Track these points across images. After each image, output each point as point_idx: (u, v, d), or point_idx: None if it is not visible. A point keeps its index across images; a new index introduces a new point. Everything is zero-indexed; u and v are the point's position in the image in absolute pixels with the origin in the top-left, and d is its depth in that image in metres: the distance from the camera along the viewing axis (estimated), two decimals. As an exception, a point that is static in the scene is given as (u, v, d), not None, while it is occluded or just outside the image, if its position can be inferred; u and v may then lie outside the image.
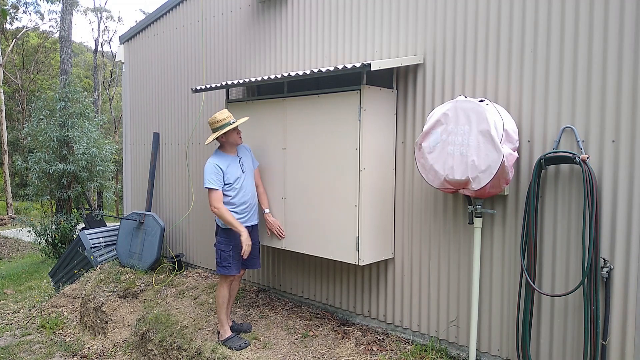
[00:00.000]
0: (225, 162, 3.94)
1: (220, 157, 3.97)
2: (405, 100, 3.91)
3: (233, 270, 4.02)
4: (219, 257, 4.03)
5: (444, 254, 3.72)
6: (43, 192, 10.28)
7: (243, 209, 4.04)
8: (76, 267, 6.79)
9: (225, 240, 3.99)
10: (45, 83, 25.04)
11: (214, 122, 3.96)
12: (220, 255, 4.02)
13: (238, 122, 4.01)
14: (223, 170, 3.89)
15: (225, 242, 3.99)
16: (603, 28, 2.91)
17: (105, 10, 33.05)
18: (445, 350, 3.73)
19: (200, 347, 4.20)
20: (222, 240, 4.02)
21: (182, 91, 6.28)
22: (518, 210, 3.31)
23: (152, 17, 6.76)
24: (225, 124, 3.96)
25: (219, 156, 3.98)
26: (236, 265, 4.05)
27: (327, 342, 4.02)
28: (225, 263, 4.00)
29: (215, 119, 3.96)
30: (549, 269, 3.19)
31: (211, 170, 3.87)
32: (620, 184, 2.87)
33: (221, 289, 4.10)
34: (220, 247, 4.03)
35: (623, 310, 2.89)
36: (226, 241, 3.99)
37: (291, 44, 4.82)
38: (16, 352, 5.15)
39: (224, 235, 4.00)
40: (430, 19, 3.73)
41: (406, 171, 3.91)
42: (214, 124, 3.97)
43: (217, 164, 3.89)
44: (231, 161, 3.99)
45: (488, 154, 2.95)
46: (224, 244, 4.00)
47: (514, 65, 3.29)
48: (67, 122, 9.84)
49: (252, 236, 4.11)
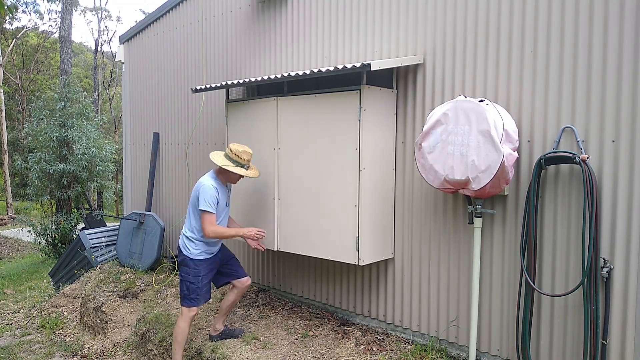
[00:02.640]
0: (220, 190, 3.80)
1: (217, 183, 3.80)
2: (405, 100, 3.91)
3: (201, 300, 3.83)
4: (187, 290, 3.77)
5: (444, 254, 3.72)
6: (43, 192, 10.28)
7: (214, 242, 3.92)
8: (76, 267, 6.79)
9: (194, 272, 3.76)
10: (45, 83, 25.03)
11: (238, 155, 3.80)
12: (189, 287, 3.76)
13: (252, 174, 3.90)
14: (218, 197, 3.74)
15: (194, 274, 3.76)
16: (603, 28, 2.91)
17: (105, 10, 33.06)
18: (445, 350, 3.73)
19: (200, 347, 4.20)
20: (191, 271, 3.77)
21: (182, 91, 6.28)
22: (518, 210, 3.31)
23: (152, 17, 6.75)
24: (244, 164, 3.83)
25: (215, 181, 3.81)
26: (205, 296, 3.85)
27: (327, 342, 4.02)
28: (194, 295, 3.77)
29: (240, 154, 3.80)
30: (549, 268, 3.19)
31: (212, 194, 3.68)
32: (620, 184, 2.87)
33: (182, 324, 3.83)
34: (188, 279, 3.76)
35: (623, 310, 2.89)
36: (196, 272, 3.77)
37: (291, 44, 4.82)
38: (16, 352, 5.15)
39: (194, 266, 3.77)
40: (430, 19, 3.73)
41: (406, 171, 3.91)
42: (236, 156, 3.80)
43: (217, 188, 3.75)
44: (223, 191, 3.86)
45: (488, 154, 2.95)
46: (193, 275, 3.76)
47: (514, 65, 3.29)
48: (66, 122, 9.84)
49: (225, 253, 4.06)
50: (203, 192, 3.68)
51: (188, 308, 3.82)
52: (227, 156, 3.83)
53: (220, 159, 3.81)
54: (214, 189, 3.70)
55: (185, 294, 3.79)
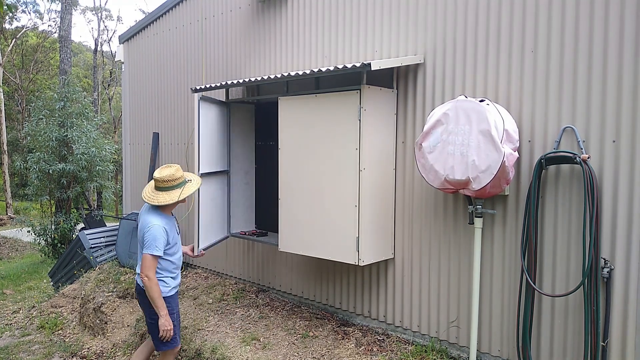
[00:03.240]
0: (168, 225, 3.47)
1: (164, 219, 3.47)
2: (406, 100, 3.90)
3: (179, 339, 3.60)
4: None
5: (445, 254, 3.71)
6: (42, 192, 10.27)
7: (178, 273, 3.67)
8: (76, 267, 6.78)
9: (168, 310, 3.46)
10: (44, 83, 25.01)
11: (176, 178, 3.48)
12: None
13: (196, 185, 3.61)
14: (168, 234, 3.44)
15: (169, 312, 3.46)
16: (603, 28, 2.90)
17: (105, 10, 33.04)
18: (446, 350, 3.72)
19: (199, 347, 4.19)
20: None
21: (181, 91, 6.27)
22: (518, 211, 3.31)
23: (152, 17, 6.75)
24: (187, 178, 3.56)
25: (162, 217, 3.46)
26: (179, 333, 3.60)
27: (327, 342, 4.02)
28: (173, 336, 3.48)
29: (176, 173, 3.50)
30: (549, 269, 3.19)
31: (161, 234, 3.35)
32: (620, 184, 2.86)
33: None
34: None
35: (623, 310, 2.88)
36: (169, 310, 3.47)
37: (291, 43, 4.81)
38: (15, 353, 5.14)
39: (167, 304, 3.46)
40: (430, 19, 3.72)
41: (406, 171, 3.90)
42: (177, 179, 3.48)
43: (165, 227, 3.42)
44: (171, 223, 3.55)
45: (488, 154, 2.94)
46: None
47: (515, 64, 3.28)
48: (66, 122, 9.83)
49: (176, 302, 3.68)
50: (152, 235, 3.34)
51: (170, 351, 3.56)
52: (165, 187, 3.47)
53: (167, 195, 3.45)
54: (162, 229, 3.38)
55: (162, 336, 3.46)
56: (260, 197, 5.36)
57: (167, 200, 3.43)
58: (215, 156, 4.85)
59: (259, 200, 5.38)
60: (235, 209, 5.20)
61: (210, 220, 4.74)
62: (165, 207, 3.52)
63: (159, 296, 3.38)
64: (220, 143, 4.95)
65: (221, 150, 4.97)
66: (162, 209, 3.52)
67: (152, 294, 3.36)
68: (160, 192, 3.48)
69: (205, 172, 4.58)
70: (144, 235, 3.41)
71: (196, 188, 3.60)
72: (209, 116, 4.70)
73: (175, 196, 3.45)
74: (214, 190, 4.83)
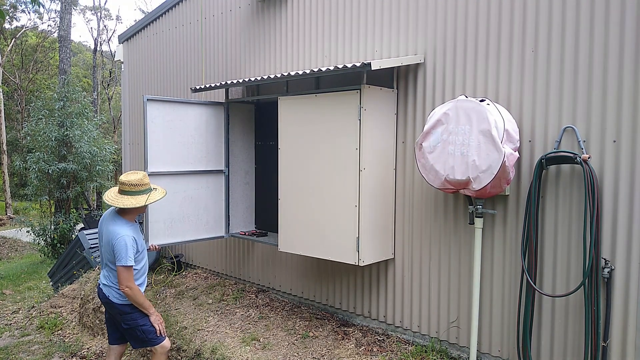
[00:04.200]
0: (135, 232, 3.42)
1: (131, 227, 3.41)
2: (406, 99, 3.89)
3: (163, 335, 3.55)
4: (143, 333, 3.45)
5: (445, 255, 3.71)
6: (42, 192, 10.26)
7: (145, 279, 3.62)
8: (75, 267, 6.77)
9: (141, 315, 3.45)
10: (44, 83, 25.01)
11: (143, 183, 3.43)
12: (144, 330, 3.46)
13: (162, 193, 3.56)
14: (137, 242, 3.39)
15: (141, 316, 3.46)
16: (604, 27, 2.89)
17: (104, 9, 33.01)
18: (446, 351, 3.72)
19: (199, 347, 4.18)
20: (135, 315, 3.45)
21: (181, 91, 6.26)
22: (519, 211, 3.30)
23: (151, 17, 6.74)
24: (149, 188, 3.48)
25: (130, 226, 3.40)
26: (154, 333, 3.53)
27: (327, 342, 4.01)
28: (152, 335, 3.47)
29: (143, 179, 3.44)
30: (549, 269, 3.18)
31: (130, 245, 3.30)
32: (621, 184, 2.86)
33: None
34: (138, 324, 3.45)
35: (624, 310, 2.88)
36: (142, 314, 3.46)
37: (291, 43, 4.81)
38: (15, 353, 5.13)
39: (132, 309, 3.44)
40: (430, 19, 3.72)
41: (406, 171, 3.90)
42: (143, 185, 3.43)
43: (134, 237, 3.37)
44: (136, 229, 3.49)
45: (489, 153, 2.93)
46: (140, 318, 3.46)
47: (515, 64, 3.27)
48: (65, 122, 9.83)
49: None
50: (120, 245, 3.28)
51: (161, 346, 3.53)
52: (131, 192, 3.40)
53: (133, 199, 3.38)
54: (131, 239, 3.32)
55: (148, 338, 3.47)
56: (260, 197, 5.36)
57: (132, 204, 3.34)
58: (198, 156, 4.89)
59: (259, 200, 5.37)
60: (234, 209, 5.19)
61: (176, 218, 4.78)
62: (128, 214, 3.44)
63: (144, 299, 3.40)
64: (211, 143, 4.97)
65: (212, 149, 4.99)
66: (125, 216, 3.43)
67: (137, 300, 3.36)
68: (125, 195, 3.40)
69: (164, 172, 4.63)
70: (113, 247, 3.30)
71: (161, 197, 3.54)
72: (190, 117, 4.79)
73: (142, 200, 3.38)
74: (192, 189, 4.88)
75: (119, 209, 3.42)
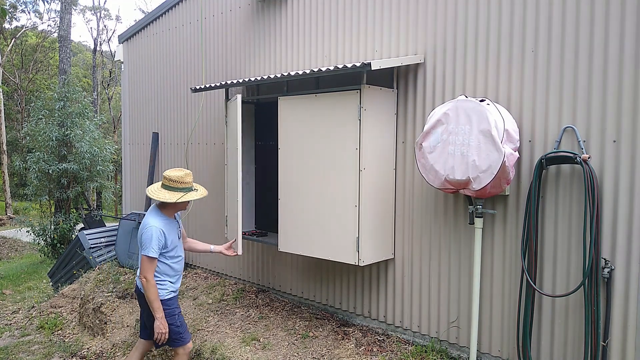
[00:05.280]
0: (167, 227, 3.47)
1: (164, 221, 3.46)
2: (406, 99, 3.89)
3: (188, 335, 3.63)
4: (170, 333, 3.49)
5: (445, 255, 3.71)
6: (42, 192, 10.25)
7: (179, 277, 3.65)
8: (75, 267, 6.77)
9: (169, 312, 3.50)
10: (44, 83, 25.01)
11: (183, 181, 3.48)
12: (171, 330, 3.49)
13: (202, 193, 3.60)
14: (166, 236, 3.43)
15: (170, 314, 3.50)
16: (604, 27, 2.89)
17: (104, 9, 33.01)
18: (446, 351, 3.72)
19: (199, 347, 4.19)
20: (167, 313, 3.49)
21: (181, 91, 6.26)
22: (519, 211, 3.30)
23: (151, 17, 6.74)
24: (192, 187, 3.55)
25: (161, 219, 3.46)
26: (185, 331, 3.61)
27: (327, 342, 4.01)
28: (179, 335, 3.53)
29: (184, 177, 3.50)
30: (549, 269, 3.18)
31: (157, 237, 3.35)
32: (621, 184, 2.86)
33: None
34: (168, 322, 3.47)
35: (624, 310, 2.88)
36: (170, 312, 3.51)
37: (291, 43, 4.81)
38: (15, 353, 5.13)
39: (166, 306, 3.50)
40: (430, 18, 3.72)
41: (406, 171, 3.90)
42: (182, 182, 3.48)
43: (162, 229, 3.41)
44: (171, 225, 3.54)
45: (489, 154, 2.94)
46: (169, 317, 3.49)
47: (515, 64, 3.27)
48: (66, 122, 9.82)
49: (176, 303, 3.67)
50: (147, 236, 3.36)
51: (182, 347, 3.59)
52: (170, 187, 3.48)
53: (169, 194, 3.45)
54: (158, 230, 3.38)
55: (172, 338, 3.51)
56: (260, 197, 5.36)
57: (167, 198, 3.42)
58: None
59: (259, 200, 5.37)
60: (235, 209, 5.18)
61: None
62: (166, 209, 3.53)
63: (155, 298, 3.39)
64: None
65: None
66: (163, 211, 3.52)
67: (149, 296, 3.37)
68: (164, 190, 3.50)
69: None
70: (141, 237, 3.43)
71: (198, 197, 3.59)
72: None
73: (175, 197, 3.44)
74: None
75: (160, 203, 3.53)
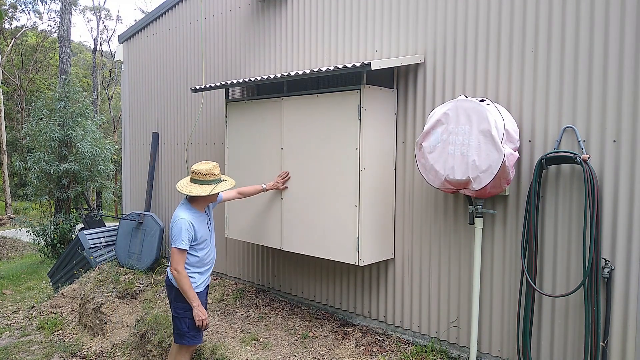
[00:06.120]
0: (197, 220, 3.51)
1: (193, 214, 3.51)
2: (406, 99, 3.89)
3: (201, 337, 3.64)
4: (186, 327, 3.51)
5: (445, 255, 3.71)
6: (42, 192, 10.26)
7: (207, 269, 3.69)
8: (75, 267, 6.78)
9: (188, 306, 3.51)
10: (44, 83, 25.01)
11: (212, 174, 3.53)
12: (188, 324, 3.51)
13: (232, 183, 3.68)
14: (195, 229, 3.48)
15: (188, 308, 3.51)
16: (604, 27, 2.89)
17: (104, 9, 33.01)
18: (446, 351, 3.72)
19: (199, 347, 4.18)
20: (187, 306, 3.50)
21: (181, 91, 6.26)
22: (519, 211, 3.30)
23: (151, 17, 6.74)
24: (221, 178, 3.61)
25: (191, 212, 3.51)
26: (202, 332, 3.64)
27: (327, 343, 4.01)
28: (194, 332, 3.54)
29: (213, 170, 3.55)
30: (549, 269, 3.18)
31: (186, 228, 3.41)
32: (621, 184, 2.86)
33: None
34: (187, 316, 3.50)
35: (624, 310, 2.88)
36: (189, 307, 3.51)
37: (291, 43, 4.81)
38: (15, 353, 5.13)
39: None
40: (430, 18, 3.72)
41: (406, 171, 3.90)
42: (211, 175, 3.53)
43: (192, 221, 3.45)
44: (201, 219, 3.58)
45: (489, 154, 2.93)
46: (187, 310, 3.51)
47: (515, 64, 3.27)
48: (66, 122, 9.83)
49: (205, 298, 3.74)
50: (177, 228, 3.42)
51: (187, 347, 3.61)
52: (200, 181, 3.52)
53: (200, 188, 3.50)
54: (187, 222, 3.42)
55: (184, 332, 3.53)
56: (260, 197, 5.35)
57: (198, 192, 3.49)
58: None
59: (259, 200, 5.37)
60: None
61: None
62: (197, 202, 3.59)
63: (189, 288, 3.45)
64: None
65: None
66: (193, 204, 3.58)
67: (183, 287, 3.44)
68: (194, 184, 3.55)
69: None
70: (171, 229, 3.50)
71: (228, 188, 3.66)
72: None
73: (207, 190, 3.50)
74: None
75: (189, 196, 3.58)
